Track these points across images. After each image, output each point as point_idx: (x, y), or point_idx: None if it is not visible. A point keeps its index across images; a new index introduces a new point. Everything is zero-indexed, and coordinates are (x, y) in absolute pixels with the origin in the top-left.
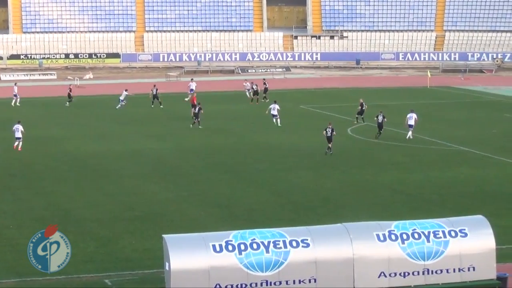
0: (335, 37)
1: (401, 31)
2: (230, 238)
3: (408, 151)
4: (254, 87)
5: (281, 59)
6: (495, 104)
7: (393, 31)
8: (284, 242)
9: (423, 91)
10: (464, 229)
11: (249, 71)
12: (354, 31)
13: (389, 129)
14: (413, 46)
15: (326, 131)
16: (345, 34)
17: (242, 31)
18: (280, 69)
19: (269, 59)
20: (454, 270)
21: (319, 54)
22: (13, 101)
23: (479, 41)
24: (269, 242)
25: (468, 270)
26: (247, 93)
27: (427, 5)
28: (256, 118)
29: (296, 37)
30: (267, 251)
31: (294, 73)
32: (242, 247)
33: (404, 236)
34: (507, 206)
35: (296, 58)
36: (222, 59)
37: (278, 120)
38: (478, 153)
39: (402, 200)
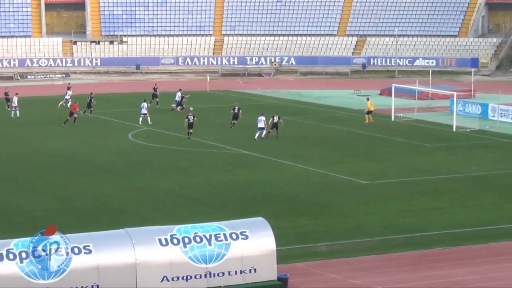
0: (114, 42)
1: (180, 35)
2: (11, 246)
3: (189, 155)
4: (236, 109)
5: (60, 64)
6: (274, 107)
7: (172, 35)
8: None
9: (202, 95)
10: (245, 232)
11: (28, 77)
12: (133, 36)
13: (168, 133)
14: (193, 51)
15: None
16: (124, 39)
17: (21, 36)
18: (60, 75)
19: (48, 65)
20: (236, 272)
21: (99, 60)
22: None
23: (257, 45)
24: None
25: (250, 272)
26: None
27: (205, 10)
28: (37, 124)
29: (75, 43)
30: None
31: (74, 78)
32: (24, 255)
33: (186, 240)
34: (287, 208)
35: (76, 64)
36: (0, 65)
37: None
38: (258, 156)
39: (184, 204)
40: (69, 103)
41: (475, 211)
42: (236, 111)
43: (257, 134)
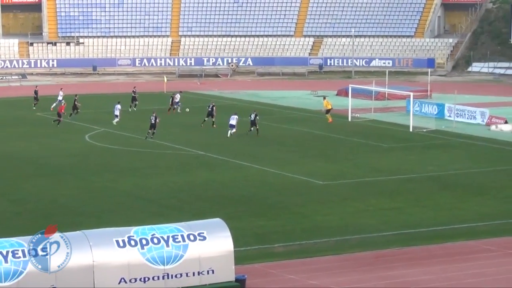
0: (71, 44)
1: (137, 36)
2: None
3: (145, 156)
4: (211, 107)
5: (17, 66)
6: (230, 108)
7: (129, 37)
8: (23, 251)
9: (159, 96)
10: (203, 233)
11: None
12: (90, 37)
13: (125, 134)
14: (149, 52)
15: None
16: (81, 40)
17: None
18: (16, 77)
19: (4, 67)
20: (193, 274)
21: (55, 61)
22: None
23: (214, 46)
24: (7, 252)
25: (208, 273)
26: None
27: (162, 11)
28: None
29: (32, 44)
30: (6, 261)
31: (30, 80)
32: None
33: (144, 242)
34: (244, 209)
35: (32, 65)
36: None
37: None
38: (215, 157)
39: (141, 205)
40: (61, 103)
41: (431, 211)
42: (210, 109)
43: (229, 132)
